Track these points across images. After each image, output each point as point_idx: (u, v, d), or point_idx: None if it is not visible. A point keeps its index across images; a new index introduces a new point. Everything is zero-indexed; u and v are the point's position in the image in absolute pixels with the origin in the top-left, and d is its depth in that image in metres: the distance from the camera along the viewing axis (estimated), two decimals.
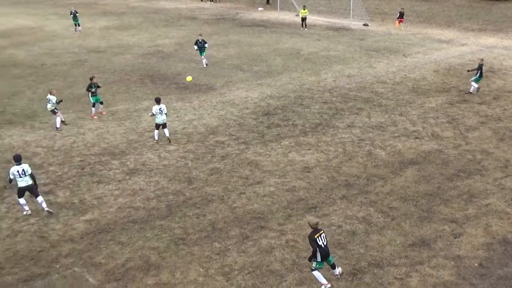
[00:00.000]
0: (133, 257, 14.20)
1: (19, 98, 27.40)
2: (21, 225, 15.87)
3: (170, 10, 58.79)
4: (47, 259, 14.26)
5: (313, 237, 12.27)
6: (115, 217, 16.21)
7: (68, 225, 15.82)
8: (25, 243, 14.94)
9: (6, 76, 31.46)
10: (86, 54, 37.36)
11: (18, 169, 16.08)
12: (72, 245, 14.85)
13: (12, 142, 21.96)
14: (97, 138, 22.37)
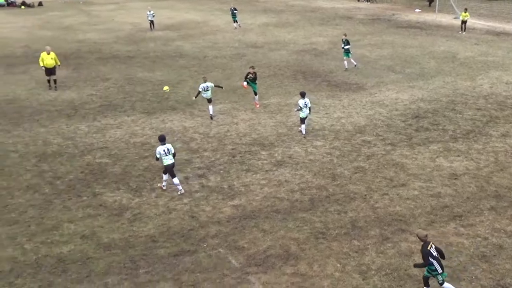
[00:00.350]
0: (274, 245, 14.68)
1: (182, 87, 29.24)
2: (176, 203, 17.05)
3: (327, 9, 59.08)
4: (195, 237, 15.20)
5: (427, 250, 11.73)
6: (260, 205, 16.82)
7: (216, 208, 16.72)
8: (177, 221, 16.05)
9: (173, 66, 33.68)
10: (245, 48, 38.82)
11: (163, 148, 17.30)
12: (219, 227, 15.69)
13: (173, 126, 23.56)
14: (249, 128, 23.27)
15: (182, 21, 49.51)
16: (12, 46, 39.56)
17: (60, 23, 48.89)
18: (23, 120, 24.40)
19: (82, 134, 22.77)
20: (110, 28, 46.07)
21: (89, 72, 32.27)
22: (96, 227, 15.77)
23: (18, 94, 28.21)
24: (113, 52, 37.59)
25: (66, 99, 27.41)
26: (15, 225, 15.88)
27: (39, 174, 19.08)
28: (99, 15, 52.12)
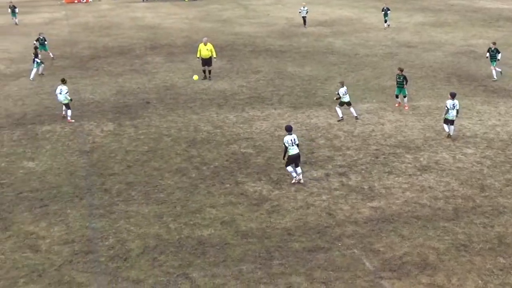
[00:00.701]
0: (411, 252, 14.14)
1: (330, 83, 29.13)
2: (314, 199, 17.05)
3: (490, 9, 55.53)
4: (331, 235, 15.09)
5: None
6: (400, 210, 16.29)
7: (355, 208, 16.46)
8: (314, 217, 16.04)
9: (323, 62, 33.69)
10: (398, 48, 37.74)
11: (290, 138, 17.53)
12: (356, 227, 15.44)
13: (318, 122, 23.57)
14: (395, 130, 22.61)
15: (335, 18, 49.33)
16: (174, 36, 41.92)
17: (219, 15, 50.96)
18: (178, 106, 25.79)
19: (230, 124, 23.56)
20: (265, 22, 47.14)
21: (242, 64, 33.28)
22: (236, 214, 16.25)
23: (175, 82, 29.86)
24: (266, 45, 38.42)
25: (218, 89, 28.52)
26: (163, 204, 16.85)
27: (188, 159, 20.06)
28: (256, 9, 53.55)
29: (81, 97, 27.43)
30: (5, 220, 16.05)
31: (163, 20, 48.95)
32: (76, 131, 22.91)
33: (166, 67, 32.79)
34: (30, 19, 50.08)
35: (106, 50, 37.53)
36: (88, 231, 15.44)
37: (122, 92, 28.21)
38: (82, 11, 54.60)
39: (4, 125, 23.66)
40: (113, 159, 20.16)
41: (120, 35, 42.74)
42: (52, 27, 46.44)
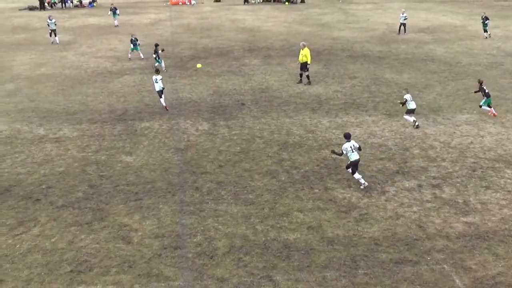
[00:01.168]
0: (505, 273, 13.41)
1: (428, 92, 28.22)
2: (404, 210, 16.58)
3: None
4: (420, 248, 14.61)
5: None
6: (496, 227, 15.50)
7: (447, 222, 15.84)
8: (403, 228, 15.59)
9: (422, 70, 32.71)
10: (504, 57, 35.94)
11: (350, 145, 17.79)
12: (447, 242, 14.85)
13: (413, 131, 22.90)
14: (495, 143, 21.54)
15: (438, 24, 47.75)
16: (272, 39, 42.26)
17: (318, 19, 50.80)
18: (272, 109, 25.95)
19: (323, 129, 23.41)
20: (364, 27, 46.46)
21: (338, 69, 32.98)
22: (323, 220, 16.11)
23: (271, 84, 30.07)
24: (364, 51, 37.85)
25: (313, 93, 28.43)
26: (251, 205, 17.01)
27: (279, 162, 20.13)
28: (356, 14, 52.90)
29: (179, 96, 28.27)
30: (102, 211, 16.83)
31: (263, 23, 49.48)
32: (173, 129, 23.64)
33: (263, 70, 33.11)
34: (137, 19, 52.28)
35: (205, 51, 38.46)
36: (178, 227, 15.87)
37: (219, 92, 28.78)
38: (186, 12, 56.29)
39: (106, 120, 24.84)
40: (206, 158, 20.61)
41: (220, 36, 43.66)
42: (157, 27, 48.22)
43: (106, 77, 32.15)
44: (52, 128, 23.88)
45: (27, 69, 34.55)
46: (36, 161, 20.63)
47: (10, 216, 16.62)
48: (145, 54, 36.55)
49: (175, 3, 62.07)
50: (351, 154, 17.77)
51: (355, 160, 17.86)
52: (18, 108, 26.86)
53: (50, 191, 18.22)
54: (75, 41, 42.45)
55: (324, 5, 59.51)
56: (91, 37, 43.65)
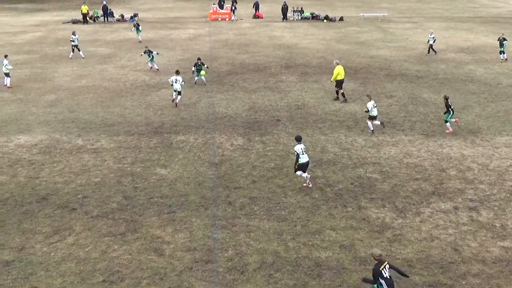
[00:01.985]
0: None
1: (467, 113, 27.77)
2: (439, 232, 16.28)
3: None
4: (455, 272, 14.31)
5: (378, 270, 12.03)
6: None
7: (483, 246, 15.49)
8: (438, 250, 15.30)
9: (461, 90, 32.23)
10: None
11: (301, 147, 18.86)
12: (483, 267, 14.51)
13: (450, 152, 22.53)
14: None
15: (478, 44, 47.05)
16: (310, 56, 42.28)
17: (356, 38, 50.63)
18: (307, 126, 25.91)
19: (358, 147, 23.24)
20: (403, 46, 46.08)
21: (375, 88, 32.76)
22: (356, 239, 15.94)
23: (307, 101, 30.04)
24: (402, 70, 37.52)
25: (349, 111, 28.29)
26: (283, 222, 16.95)
27: (312, 179, 20.01)
28: (395, 33, 52.53)
29: (215, 110, 28.49)
30: (136, 223, 17.00)
31: (300, 40, 49.59)
32: (208, 143, 23.80)
33: (299, 87, 33.12)
34: (177, 34, 53.00)
35: (243, 67, 38.70)
36: (209, 241, 15.91)
37: (254, 108, 28.89)
38: (224, 28, 56.82)
39: (143, 133, 25.17)
40: (240, 173, 20.66)
41: (257, 53, 43.90)
42: (196, 42, 48.80)
43: (144, 90, 32.63)
44: (90, 139, 24.32)
45: (68, 80, 35.34)
46: (73, 171, 21.01)
47: (46, 224, 16.94)
48: (185, 69, 36.98)
49: (214, 19, 62.76)
50: (301, 155, 18.84)
51: (305, 162, 19.06)
52: (58, 118, 27.46)
53: (85, 201, 18.51)
54: (115, 54, 43.25)
55: (363, 24, 59.32)
56: (131, 51, 44.42)
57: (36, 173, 20.86)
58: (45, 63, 40.65)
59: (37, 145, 23.75)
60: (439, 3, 77.47)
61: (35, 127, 26.12)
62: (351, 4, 77.28)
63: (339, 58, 41.10)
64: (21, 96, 31.61)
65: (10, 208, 18.10)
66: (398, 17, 64.27)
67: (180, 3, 79.78)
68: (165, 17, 65.65)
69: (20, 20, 63.74)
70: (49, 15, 68.55)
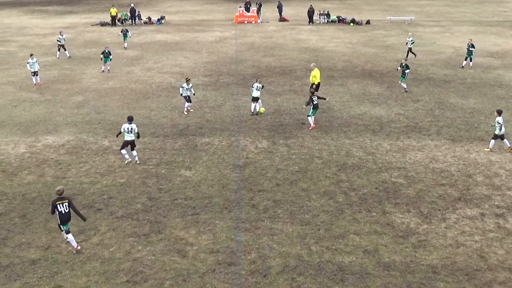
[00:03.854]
0: None
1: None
2: (465, 239, 16.06)
3: None
4: (481, 279, 14.10)
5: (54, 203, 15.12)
6: None
7: (510, 254, 15.24)
8: (464, 257, 15.09)
9: (489, 95, 31.77)
10: None
11: (127, 127, 21.19)
12: (510, 274, 14.27)
13: (477, 158, 22.22)
14: None
15: (508, 49, 46.34)
16: (335, 60, 42.11)
17: (382, 41, 50.29)
18: (332, 130, 25.79)
19: (383, 151, 23.05)
20: (430, 50, 45.61)
21: (401, 92, 32.47)
22: (379, 244, 15.81)
23: (332, 105, 29.92)
24: (429, 74, 37.13)
25: (374, 115, 28.08)
26: (307, 226, 16.89)
27: (336, 183, 19.94)
28: (422, 37, 52.01)
29: (240, 113, 28.54)
30: (160, 224, 17.11)
31: (326, 43, 49.44)
32: (232, 146, 23.85)
33: (324, 90, 32.99)
34: (203, 37, 53.29)
35: (268, 70, 38.72)
36: (232, 243, 15.93)
37: (279, 111, 28.87)
38: (250, 31, 56.93)
39: (168, 134, 25.34)
40: (264, 176, 20.66)
41: (283, 56, 43.88)
42: (222, 45, 48.99)
43: (170, 92, 32.84)
44: (116, 140, 24.54)
45: (96, 82, 35.76)
46: (99, 172, 21.24)
47: (72, 224, 17.12)
48: (211, 71, 37.15)
49: (240, 22, 62.94)
50: (126, 134, 21.26)
51: (127, 141, 21.36)
52: (85, 119, 27.80)
53: (111, 202, 18.70)
54: (142, 57, 43.63)
55: (390, 27, 58.89)
56: (158, 53, 44.78)
57: (63, 173, 21.14)
58: (73, 64, 41.21)
59: (64, 146, 24.07)
60: (468, 7, 76.52)
61: (62, 128, 26.49)
62: (378, 7, 76.80)
63: (365, 61, 40.97)
64: (49, 97, 32.09)
65: (37, 207, 18.38)
66: (426, 20, 63.67)
67: (207, 6, 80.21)
68: (192, 19, 66.05)
69: (50, 22, 64.76)
70: (78, 17, 69.51)
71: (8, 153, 23.32)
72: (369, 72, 37.66)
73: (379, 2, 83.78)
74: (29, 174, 21.17)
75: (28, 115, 28.61)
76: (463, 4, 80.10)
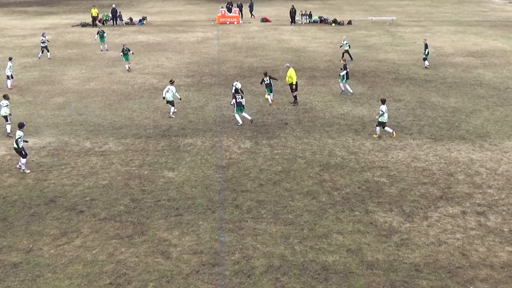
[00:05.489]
0: None
1: (476, 117, 27.67)
2: (447, 237, 16.22)
3: None
4: (463, 277, 14.25)
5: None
6: None
7: (491, 251, 15.42)
8: (446, 255, 15.24)
9: (469, 94, 32.12)
10: None
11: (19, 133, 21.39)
12: (491, 271, 14.44)
13: (458, 157, 22.45)
14: None
15: (487, 49, 46.89)
16: (317, 60, 42.26)
17: (364, 41, 50.56)
18: (315, 130, 25.89)
19: (366, 151, 23.19)
20: (411, 50, 45.97)
21: (383, 92, 32.70)
22: (363, 243, 15.91)
23: (315, 105, 30.04)
24: (410, 74, 37.44)
25: (357, 114, 28.24)
26: (290, 226, 16.94)
27: (319, 183, 20.02)
28: (403, 37, 52.42)
29: (223, 113, 28.52)
30: (143, 225, 17.04)
31: (308, 43, 49.58)
32: (215, 146, 23.83)
33: (307, 90, 33.12)
34: (185, 37, 53.14)
35: (250, 70, 38.74)
36: (216, 244, 15.93)
37: (262, 111, 28.91)
38: (232, 31, 56.90)
39: (151, 135, 25.24)
40: (247, 177, 20.68)
41: (265, 56, 43.93)
42: (204, 45, 48.90)
43: (152, 93, 32.72)
44: (98, 142, 24.41)
45: (77, 83, 35.50)
46: (81, 174, 21.10)
47: (54, 227, 17.01)
48: (193, 72, 37.11)
49: (222, 23, 62.88)
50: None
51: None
52: (66, 121, 27.59)
53: (93, 203, 18.58)
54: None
55: (371, 27, 59.24)
56: (139, 54, 44.56)
57: (44, 176, 20.96)
58: (54, 66, 40.85)
59: (46, 148, 23.87)
60: (448, 7, 77.23)
61: (43, 130, 26.25)
62: (359, 8, 77.19)
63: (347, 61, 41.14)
64: (30, 99, 31.79)
65: (18, 210, 18.20)
66: (407, 21, 64.15)
67: (189, 7, 79.98)
68: (174, 20, 65.83)
69: (30, 23, 64.11)
70: (58, 18, 68.90)
71: None
72: (351, 72, 37.80)
73: (360, 2, 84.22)
74: (10, 176, 20.96)
75: None
76: (443, 4, 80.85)
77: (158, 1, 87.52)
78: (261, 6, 77.51)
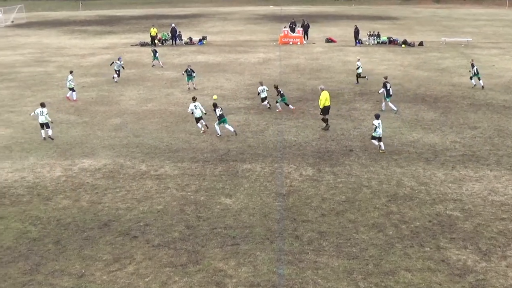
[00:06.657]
0: None
1: None
2: None
3: None
4: None
5: None
6: None
7: None
8: None
9: None
10: None
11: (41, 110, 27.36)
12: None
13: None
14: None
15: None
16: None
17: (437, 64, 49.79)
18: (382, 157, 25.51)
19: (437, 182, 22.63)
20: (489, 74, 44.88)
21: (457, 118, 31.97)
22: (433, 283, 15.43)
23: (382, 131, 29.59)
24: (487, 99, 36.49)
25: (427, 142, 27.67)
26: (354, 260, 16.63)
27: (386, 215, 19.64)
28: (479, 59, 51.28)
29: (284, 138, 28.56)
30: (198, 254, 17.13)
31: (376, 65, 49.24)
32: (275, 173, 23.82)
33: (373, 115, 32.74)
34: (246, 58, 53.83)
35: (314, 93, 38.69)
36: (274, 277, 15.80)
37: (325, 137, 28.77)
38: (295, 52, 57.23)
39: (208, 159, 25.51)
40: (308, 206, 20.52)
41: (330, 78, 43.88)
42: (266, 66, 49.35)
43: (211, 116, 33.08)
44: (154, 165, 24.86)
45: (134, 104, 36.43)
46: (136, 197, 21.49)
47: (107, 252, 17.32)
48: (253, 94, 37.43)
49: (285, 43, 63.35)
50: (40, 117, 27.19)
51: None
52: (123, 143, 28.28)
53: (147, 229, 18.85)
54: (182, 78, 44.26)
55: (445, 49, 58.31)
56: (198, 75, 45.36)
57: (98, 198, 21.48)
58: (111, 86, 42.13)
59: (101, 170, 24.49)
60: None
61: (99, 151, 26.99)
62: (431, 28, 76.25)
63: (418, 85, 40.60)
64: (87, 119, 32.83)
65: (71, 233, 18.67)
66: (484, 42, 62.84)
67: (250, 26, 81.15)
68: (234, 40, 66.88)
69: (89, 43, 66.60)
70: (117, 37, 71.27)
71: (44, 176, 23.86)
72: (422, 97, 37.25)
73: (432, 22, 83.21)
74: (64, 198, 21.58)
75: (65, 137, 29.29)
76: None
77: (219, 20, 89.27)
78: (326, 26, 77.86)
